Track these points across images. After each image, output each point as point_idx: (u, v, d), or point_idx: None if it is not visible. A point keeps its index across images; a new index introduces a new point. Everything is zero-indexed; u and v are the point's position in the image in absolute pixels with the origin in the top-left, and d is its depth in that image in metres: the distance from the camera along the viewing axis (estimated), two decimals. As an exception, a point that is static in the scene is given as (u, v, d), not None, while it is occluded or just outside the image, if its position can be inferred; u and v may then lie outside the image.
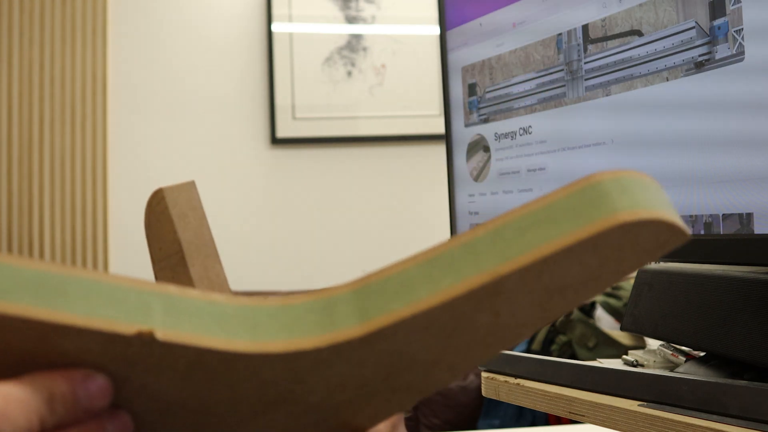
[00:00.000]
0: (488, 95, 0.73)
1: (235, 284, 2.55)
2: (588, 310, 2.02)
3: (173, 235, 0.33)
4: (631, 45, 0.58)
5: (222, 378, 0.26)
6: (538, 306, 0.26)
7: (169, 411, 0.27)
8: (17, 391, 0.24)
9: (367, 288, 0.26)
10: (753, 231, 0.49)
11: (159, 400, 0.27)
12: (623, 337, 1.89)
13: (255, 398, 0.27)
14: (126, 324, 0.24)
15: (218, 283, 0.32)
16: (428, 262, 0.26)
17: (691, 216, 0.53)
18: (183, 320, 0.25)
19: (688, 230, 0.26)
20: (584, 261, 0.25)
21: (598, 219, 0.24)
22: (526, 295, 0.26)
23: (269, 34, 2.41)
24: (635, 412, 0.51)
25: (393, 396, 0.28)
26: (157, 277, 0.34)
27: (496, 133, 0.72)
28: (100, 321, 0.24)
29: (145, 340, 0.24)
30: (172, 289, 0.25)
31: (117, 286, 0.25)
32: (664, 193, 0.26)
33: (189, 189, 0.35)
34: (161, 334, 0.24)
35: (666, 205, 0.25)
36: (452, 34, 0.78)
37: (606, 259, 0.25)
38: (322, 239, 2.41)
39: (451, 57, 0.78)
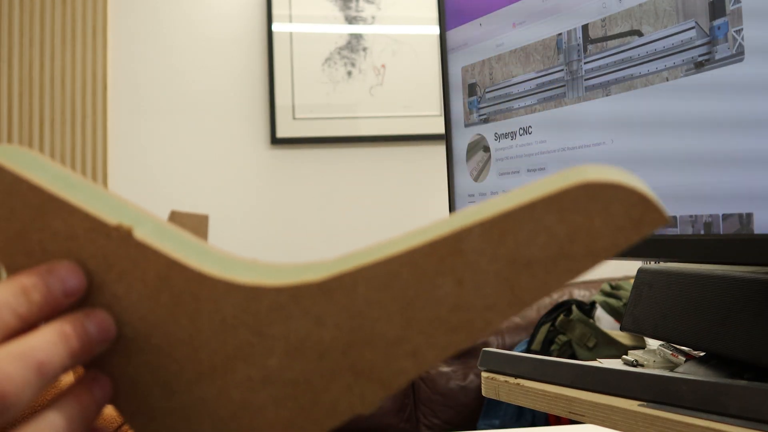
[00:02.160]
0: (488, 95, 0.73)
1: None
2: (588, 310, 2.02)
3: None
4: (631, 45, 0.58)
5: (186, 304, 0.27)
6: (504, 282, 0.25)
7: (135, 342, 0.28)
8: None
9: (345, 256, 0.28)
10: (753, 231, 0.49)
11: (127, 322, 0.28)
12: (623, 337, 1.89)
13: (215, 344, 0.28)
14: (111, 217, 0.27)
15: None
16: (408, 234, 0.27)
17: (691, 216, 0.53)
18: (164, 239, 0.27)
19: (666, 210, 0.24)
20: (549, 227, 0.24)
21: (564, 183, 0.24)
22: (490, 263, 0.25)
23: (269, 34, 2.41)
24: (635, 412, 0.51)
25: (355, 383, 0.28)
26: None
27: (496, 133, 0.72)
28: (90, 208, 0.27)
29: (123, 234, 0.27)
30: (168, 223, 0.28)
31: (120, 201, 0.28)
32: (643, 182, 0.25)
33: (200, 220, 0.37)
34: (139, 234, 0.27)
35: (641, 182, 0.25)
36: (452, 34, 0.78)
37: (575, 229, 0.24)
38: (322, 239, 2.41)
39: (451, 57, 0.78)
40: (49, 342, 0.26)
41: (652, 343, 0.67)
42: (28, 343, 0.26)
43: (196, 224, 0.34)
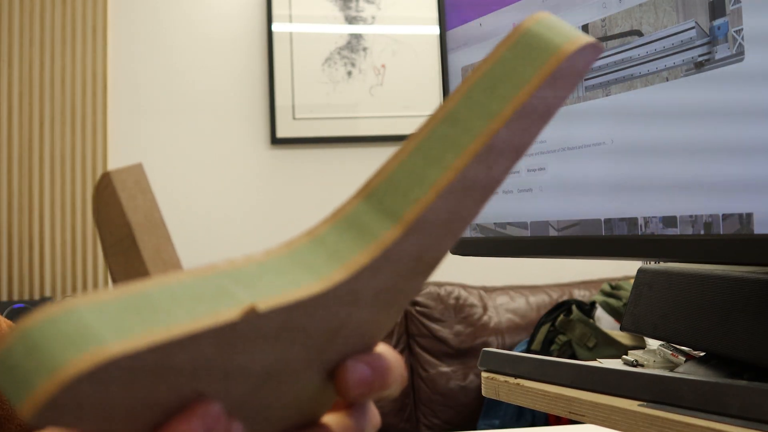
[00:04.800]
0: (488, 95, 0.73)
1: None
2: (588, 310, 2.02)
3: (123, 219, 0.31)
4: (631, 45, 0.58)
5: (301, 328, 0.26)
6: (515, 152, 0.28)
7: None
8: None
9: (375, 193, 0.27)
10: (753, 231, 0.49)
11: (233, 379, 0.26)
12: (623, 337, 1.89)
13: (323, 338, 0.27)
14: (227, 310, 0.23)
15: (172, 263, 0.31)
16: (419, 147, 0.27)
17: (691, 216, 0.53)
18: (258, 288, 0.25)
19: (601, 44, 0.29)
20: (548, 94, 0.28)
21: (550, 57, 0.28)
22: (513, 139, 0.28)
23: (269, 34, 2.41)
24: (635, 412, 0.51)
25: (401, 300, 0.29)
26: (109, 264, 0.33)
27: (496, 133, 0.72)
28: (205, 318, 0.23)
29: (251, 317, 0.23)
30: (220, 266, 0.25)
31: (184, 283, 0.24)
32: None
33: (137, 171, 0.33)
34: (262, 305, 0.24)
35: (579, 31, 0.29)
36: (452, 34, 0.78)
37: (557, 89, 0.28)
38: (322, 239, 2.41)
39: (451, 57, 0.78)
40: None
41: (652, 343, 0.67)
42: None
43: (135, 176, 0.31)
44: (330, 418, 0.31)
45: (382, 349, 0.30)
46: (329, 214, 0.28)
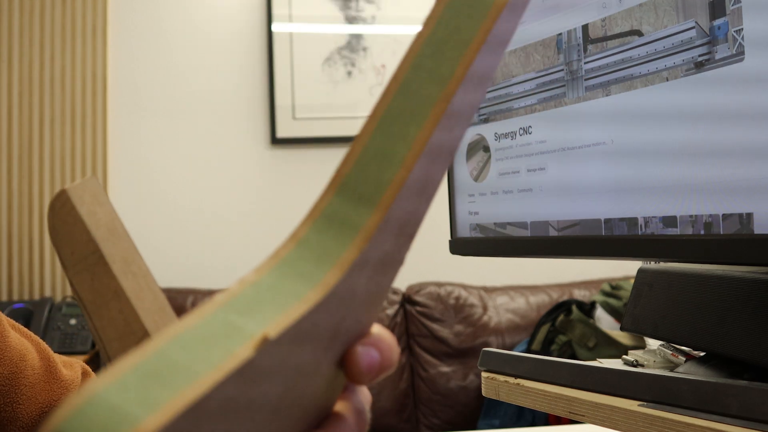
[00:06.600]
0: (488, 95, 0.73)
1: (235, 284, 2.56)
2: (588, 310, 2.02)
3: (86, 235, 0.29)
4: (631, 45, 0.58)
5: (309, 336, 0.26)
6: (471, 109, 0.28)
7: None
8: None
9: (347, 182, 0.27)
10: (753, 231, 0.49)
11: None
12: (623, 337, 1.89)
13: (328, 337, 0.27)
14: (241, 348, 0.23)
15: (142, 275, 0.29)
16: (380, 125, 0.27)
17: (691, 216, 0.53)
18: (261, 313, 0.24)
19: None
20: (492, 47, 0.28)
21: (488, 10, 0.27)
22: (467, 98, 0.28)
23: (269, 34, 2.41)
24: (635, 412, 0.51)
25: (390, 273, 0.30)
26: (73, 282, 0.31)
27: (496, 133, 0.72)
28: (225, 363, 0.22)
29: (265, 347, 0.23)
30: (219, 299, 0.24)
31: (192, 330, 0.23)
32: None
33: (93, 184, 0.31)
34: (272, 332, 0.23)
35: None
36: (452, 34, 0.78)
37: (499, 44, 0.29)
38: (322, 239, 2.41)
39: (451, 57, 0.78)
40: None
41: (652, 343, 0.67)
42: None
43: (92, 190, 0.30)
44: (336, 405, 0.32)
45: (379, 329, 0.31)
46: (308, 213, 0.27)
